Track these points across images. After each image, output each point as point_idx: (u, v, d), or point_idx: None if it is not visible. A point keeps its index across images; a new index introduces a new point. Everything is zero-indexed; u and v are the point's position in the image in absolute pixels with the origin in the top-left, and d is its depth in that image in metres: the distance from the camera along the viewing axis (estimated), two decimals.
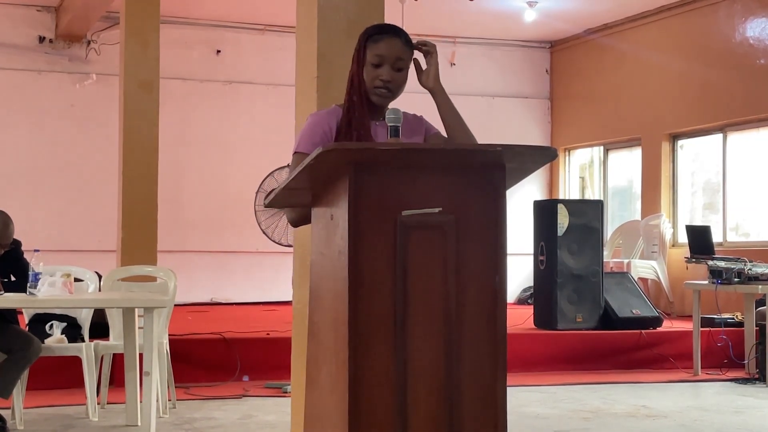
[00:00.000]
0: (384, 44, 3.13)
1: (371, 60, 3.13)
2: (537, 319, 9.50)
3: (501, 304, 2.61)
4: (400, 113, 2.90)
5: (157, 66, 9.08)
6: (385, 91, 3.14)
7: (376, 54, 3.12)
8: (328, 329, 2.66)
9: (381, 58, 3.12)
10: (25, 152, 11.98)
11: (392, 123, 2.88)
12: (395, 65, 3.14)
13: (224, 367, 7.81)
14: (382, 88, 3.13)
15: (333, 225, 2.62)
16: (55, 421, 6.23)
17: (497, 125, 13.67)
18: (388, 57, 3.13)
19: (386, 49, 3.13)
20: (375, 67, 3.13)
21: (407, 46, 3.17)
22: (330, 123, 3.14)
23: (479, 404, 2.57)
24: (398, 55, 3.14)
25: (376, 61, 3.12)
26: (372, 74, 3.13)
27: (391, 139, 2.87)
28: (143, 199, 8.89)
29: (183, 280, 7.50)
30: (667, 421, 6.61)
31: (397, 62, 3.14)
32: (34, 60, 12.13)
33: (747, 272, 8.28)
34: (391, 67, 3.13)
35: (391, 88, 3.14)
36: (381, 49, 3.13)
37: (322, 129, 3.14)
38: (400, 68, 3.15)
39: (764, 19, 10.84)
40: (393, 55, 3.13)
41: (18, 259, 6.07)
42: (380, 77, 3.12)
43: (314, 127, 3.17)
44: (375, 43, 3.14)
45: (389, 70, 3.13)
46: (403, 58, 3.15)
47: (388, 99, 3.16)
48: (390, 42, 3.14)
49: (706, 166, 12.02)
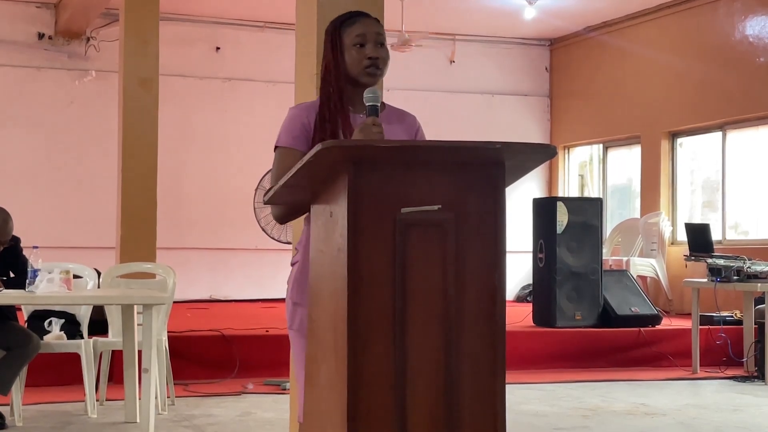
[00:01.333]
0: (360, 24, 3.10)
1: (353, 42, 3.08)
2: (536, 316, 9.50)
3: (500, 302, 2.60)
4: (378, 92, 2.88)
5: (156, 63, 9.08)
6: (374, 69, 3.08)
7: (356, 35, 3.08)
8: (327, 326, 2.66)
9: (362, 37, 3.08)
10: (24, 149, 11.98)
11: (370, 102, 2.85)
12: (377, 40, 3.09)
13: (223, 364, 7.81)
14: (372, 66, 3.08)
15: (332, 222, 2.62)
16: (54, 418, 6.23)
17: (497, 123, 13.68)
18: (369, 34, 3.08)
19: (364, 28, 3.09)
20: (359, 48, 3.08)
21: (379, 23, 3.15)
22: (309, 116, 3.10)
23: (478, 402, 2.57)
24: (377, 31, 3.11)
25: (359, 41, 3.08)
26: (358, 55, 3.07)
27: (369, 118, 2.84)
28: (142, 196, 8.88)
29: (182, 277, 7.50)
30: (665, 419, 6.62)
31: (378, 37, 3.10)
32: (33, 57, 12.12)
33: (746, 270, 8.29)
34: (374, 43, 3.09)
35: (379, 65, 3.09)
36: (359, 29, 3.09)
37: (301, 122, 3.10)
38: (382, 43, 3.12)
39: (764, 17, 10.84)
40: (373, 31, 3.10)
41: (17, 255, 6.06)
42: (367, 55, 3.07)
43: (293, 120, 3.13)
44: (350, 26, 3.10)
45: (374, 47, 3.08)
46: (382, 32, 3.12)
47: (379, 76, 3.11)
48: (365, 21, 3.11)
49: (705, 164, 12.02)
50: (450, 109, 13.52)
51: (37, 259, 5.61)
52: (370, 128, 2.84)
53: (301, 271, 3.05)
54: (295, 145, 3.07)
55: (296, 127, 3.10)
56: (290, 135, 3.09)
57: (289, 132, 3.10)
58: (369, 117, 2.85)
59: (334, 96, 3.08)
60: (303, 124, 3.09)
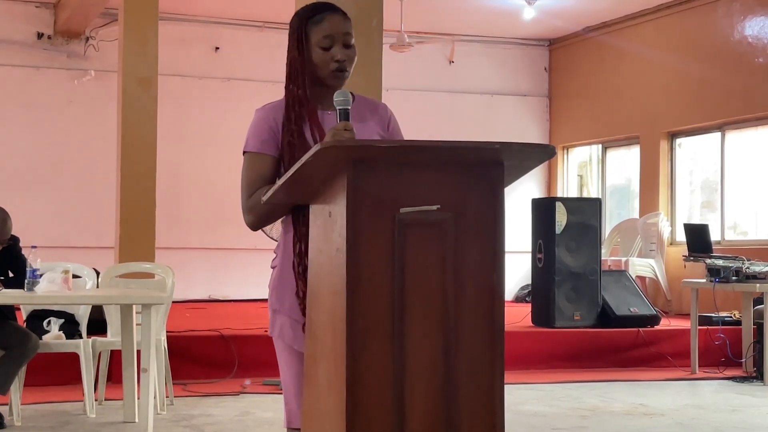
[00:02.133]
0: (327, 23, 2.96)
1: (319, 43, 2.95)
2: (535, 317, 9.50)
3: (499, 302, 2.60)
4: (348, 95, 2.81)
5: (155, 63, 9.08)
6: (342, 72, 2.98)
7: (324, 35, 2.95)
8: (325, 326, 2.66)
9: (330, 39, 2.95)
10: (23, 148, 11.97)
11: (341, 106, 2.79)
12: (345, 41, 2.97)
13: (222, 364, 7.81)
14: (339, 69, 2.97)
15: (331, 222, 2.62)
16: (53, 418, 6.23)
17: (496, 123, 13.68)
18: (337, 35, 2.96)
19: (332, 28, 2.96)
20: (325, 50, 2.95)
21: (347, 19, 3.01)
22: (276, 117, 2.99)
23: (477, 402, 2.57)
24: (345, 30, 2.98)
25: (326, 43, 2.95)
26: (324, 57, 2.95)
27: (340, 123, 2.79)
28: (141, 196, 8.89)
29: (181, 276, 7.50)
30: (664, 419, 6.62)
31: (346, 38, 2.97)
32: (32, 56, 12.12)
33: (745, 271, 8.29)
34: (342, 45, 2.97)
35: (346, 67, 2.98)
36: (326, 29, 2.95)
37: (268, 125, 3.00)
38: (349, 44, 2.98)
39: (763, 18, 10.84)
40: (341, 31, 2.97)
41: (16, 255, 6.06)
42: (334, 58, 2.95)
43: (260, 123, 3.02)
44: (317, 24, 2.95)
45: (341, 49, 2.96)
46: (350, 32, 2.99)
47: (345, 78, 3.01)
48: (332, 19, 2.97)
49: (704, 164, 12.02)
50: (449, 109, 13.52)
51: (36, 259, 5.61)
52: (341, 133, 2.76)
53: (279, 276, 3.01)
54: (263, 149, 2.98)
55: (264, 130, 2.99)
56: (258, 139, 2.99)
57: (257, 136, 3.00)
58: (340, 121, 2.79)
59: (301, 95, 2.98)
60: (270, 127, 2.99)
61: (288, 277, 2.97)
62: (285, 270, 2.98)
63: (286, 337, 3.06)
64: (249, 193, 3.04)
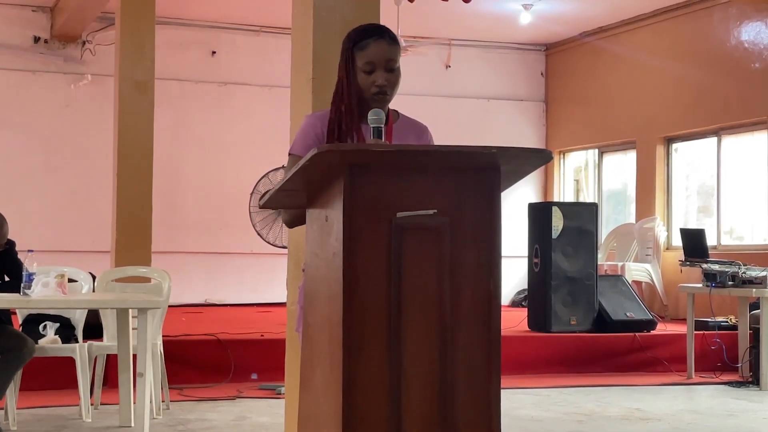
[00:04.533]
0: (372, 49, 3.10)
1: (362, 68, 3.10)
2: (531, 321, 9.50)
3: (495, 307, 2.61)
4: (382, 114, 2.89)
5: (152, 67, 9.07)
6: (382, 96, 3.12)
7: (366, 62, 3.10)
8: (322, 331, 2.66)
9: (372, 65, 3.10)
10: (19, 152, 11.97)
11: (374, 124, 2.87)
12: (387, 66, 3.11)
13: (218, 368, 7.80)
14: (379, 93, 3.11)
15: (328, 226, 2.62)
16: (49, 422, 6.22)
17: (492, 128, 13.68)
18: (379, 61, 3.10)
19: (375, 54, 3.10)
20: (368, 74, 3.10)
21: (394, 43, 3.14)
22: (323, 126, 3.15)
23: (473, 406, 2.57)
24: (388, 57, 3.11)
25: (368, 68, 3.10)
26: (366, 81, 3.10)
27: (373, 140, 2.87)
28: (138, 200, 8.88)
29: (177, 281, 7.49)
30: (660, 424, 6.62)
31: (388, 63, 3.11)
32: (29, 60, 12.11)
33: (741, 275, 8.30)
34: (383, 70, 3.10)
35: (387, 91, 3.12)
36: (370, 56, 3.10)
37: (315, 132, 3.16)
38: (392, 68, 3.12)
39: (759, 23, 10.86)
40: (383, 58, 3.10)
41: (12, 259, 6.06)
42: (375, 83, 3.10)
43: (307, 129, 3.19)
44: (362, 50, 3.11)
45: (383, 74, 3.10)
46: (393, 57, 3.12)
47: (387, 101, 3.15)
48: (377, 45, 3.11)
49: (700, 169, 12.03)
50: (446, 114, 13.52)
51: (32, 263, 5.60)
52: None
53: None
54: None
55: (310, 136, 3.16)
56: (304, 144, 3.14)
57: (303, 140, 3.16)
58: (373, 138, 2.88)
59: (345, 112, 3.12)
60: (317, 134, 3.15)
61: None
62: None
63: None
64: None
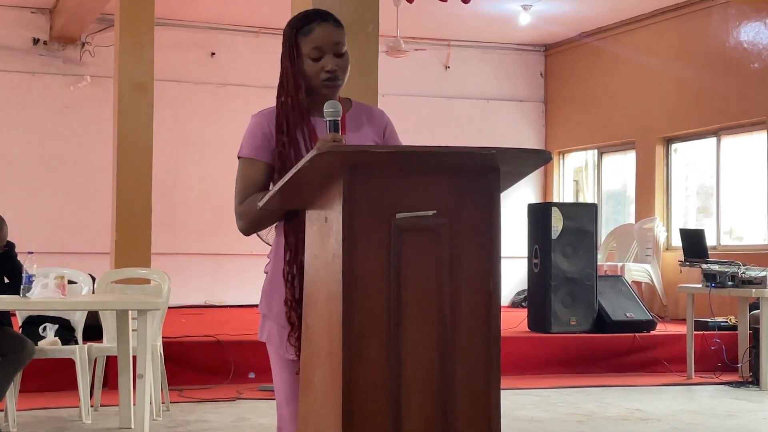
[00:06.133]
0: (317, 33, 2.94)
1: (309, 54, 2.94)
2: (531, 322, 9.50)
3: (495, 307, 2.60)
4: (338, 106, 2.78)
5: (151, 68, 9.08)
6: (333, 82, 2.96)
7: (313, 47, 2.92)
8: (321, 332, 2.66)
9: (320, 50, 2.93)
10: (18, 154, 11.97)
11: (330, 117, 2.77)
12: (335, 51, 2.95)
13: (218, 369, 7.80)
14: (330, 79, 2.95)
15: (327, 228, 2.62)
16: (48, 424, 6.22)
17: (492, 128, 13.69)
18: (326, 46, 2.93)
19: (322, 39, 2.93)
20: (315, 61, 2.93)
21: (339, 26, 2.98)
22: (270, 124, 3.00)
23: (473, 407, 2.57)
24: (335, 40, 2.93)
25: (315, 54, 2.92)
26: (315, 68, 2.94)
27: (329, 134, 2.76)
28: (137, 202, 8.88)
29: (177, 282, 7.49)
30: (660, 424, 6.62)
31: (337, 47, 2.95)
32: (28, 62, 12.12)
33: (740, 276, 8.30)
34: (332, 55, 2.95)
35: (338, 76, 2.97)
36: (316, 40, 2.92)
37: (262, 131, 3.00)
38: (341, 53, 2.96)
39: (757, 23, 10.86)
40: (330, 41, 2.93)
41: (12, 261, 6.06)
42: (325, 68, 2.94)
43: (254, 129, 3.03)
44: (306, 35, 2.93)
45: (332, 59, 2.94)
46: (341, 41, 2.96)
47: (338, 87, 3.00)
48: (322, 29, 2.94)
49: (700, 169, 12.04)
50: (445, 114, 13.53)
51: (32, 265, 5.60)
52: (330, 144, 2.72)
53: (270, 282, 3.05)
54: (257, 155, 2.99)
55: (258, 136, 3.00)
56: (252, 145, 3.00)
57: (251, 142, 3.01)
58: (330, 132, 2.77)
59: (293, 104, 2.97)
60: (264, 133, 3.00)
61: (278, 283, 2.99)
62: (276, 276, 3.01)
63: (273, 343, 3.10)
64: (241, 199, 3.08)
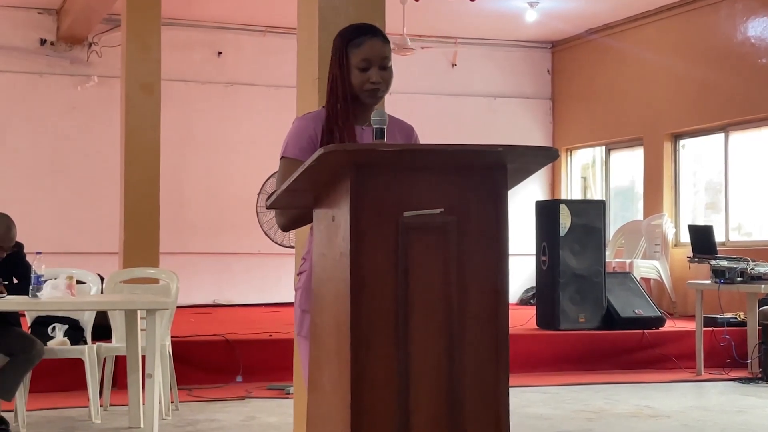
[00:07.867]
0: (366, 47, 3.13)
1: (357, 65, 3.12)
2: (539, 319, 9.49)
3: (503, 305, 2.60)
4: (385, 115, 2.89)
5: (158, 68, 9.08)
6: (376, 93, 3.15)
7: (361, 59, 3.12)
8: (329, 331, 2.66)
9: (367, 62, 3.12)
10: (26, 155, 11.99)
11: (377, 125, 2.86)
12: (382, 64, 3.13)
13: (227, 368, 7.80)
14: (374, 90, 3.14)
15: (334, 226, 2.62)
16: (58, 424, 6.23)
17: (499, 126, 13.67)
18: (374, 59, 3.12)
19: (370, 52, 3.13)
20: (362, 71, 3.12)
21: (386, 42, 3.18)
22: (316, 128, 3.14)
23: (481, 405, 2.57)
24: (383, 55, 3.14)
25: (363, 65, 3.12)
26: (360, 78, 3.12)
27: (377, 140, 2.86)
28: (145, 201, 8.88)
29: (185, 282, 7.49)
30: (670, 421, 6.61)
31: (383, 61, 3.14)
32: (35, 62, 12.13)
33: (750, 272, 8.27)
34: (378, 68, 3.13)
35: (381, 89, 3.15)
36: (365, 53, 3.12)
37: (308, 134, 3.14)
38: (386, 67, 3.15)
39: (765, 19, 10.83)
40: (378, 55, 3.13)
41: (20, 261, 6.07)
42: (370, 80, 3.12)
43: (300, 131, 3.16)
44: (357, 47, 3.13)
45: (377, 72, 3.13)
46: (387, 56, 3.15)
47: (380, 98, 3.18)
48: (371, 43, 3.13)
49: (708, 165, 12.01)
50: (452, 112, 13.52)
51: (41, 265, 5.62)
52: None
53: (309, 279, 3.08)
54: (301, 156, 3.07)
55: (303, 138, 3.13)
56: (297, 146, 3.12)
57: (296, 143, 3.14)
58: (376, 140, 2.86)
59: (341, 110, 3.12)
60: (310, 136, 3.13)
61: None
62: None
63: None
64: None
